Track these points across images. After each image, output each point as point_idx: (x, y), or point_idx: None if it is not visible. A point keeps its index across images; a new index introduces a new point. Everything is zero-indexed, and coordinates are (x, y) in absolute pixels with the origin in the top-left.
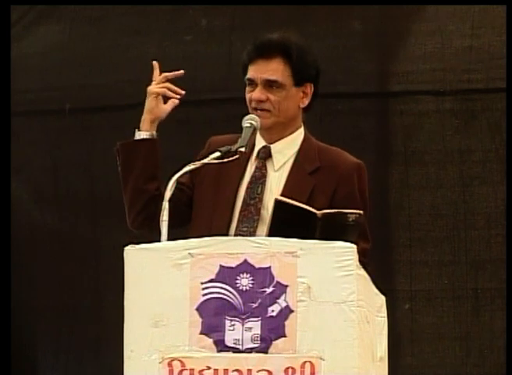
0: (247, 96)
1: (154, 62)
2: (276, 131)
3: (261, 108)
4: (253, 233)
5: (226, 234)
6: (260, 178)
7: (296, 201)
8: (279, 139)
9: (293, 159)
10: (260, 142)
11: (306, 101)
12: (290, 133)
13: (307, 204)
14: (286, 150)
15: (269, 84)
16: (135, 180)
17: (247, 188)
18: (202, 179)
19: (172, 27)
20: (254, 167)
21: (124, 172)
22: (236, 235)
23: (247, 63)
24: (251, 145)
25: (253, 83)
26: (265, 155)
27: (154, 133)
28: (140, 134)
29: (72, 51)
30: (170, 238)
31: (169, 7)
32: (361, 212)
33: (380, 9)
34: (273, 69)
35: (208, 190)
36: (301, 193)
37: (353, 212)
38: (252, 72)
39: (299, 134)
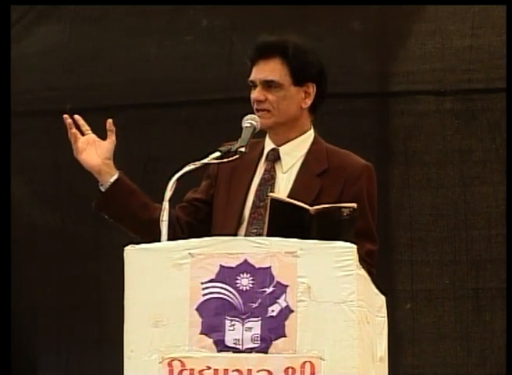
0: (251, 98)
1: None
2: (280, 132)
3: (261, 108)
4: (262, 235)
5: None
6: (269, 180)
7: (302, 202)
8: (287, 141)
9: (301, 161)
10: (269, 145)
11: (308, 102)
12: (298, 136)
13: (313, 205)
14: (294, 152)
15: (267, 84)
16: (129, 221)
17: (257, 191)
18: (218, 187)
19: (172, 27)
20: (263, 169)
21: (116, 221)
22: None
23: (251, 66)
24: (261, 148)
25: (254, 84)
26: (274, 157)
27: (114, 173)
28: (104, 185)
29: (72, 51)
30: (170, 238)
31: (169, 7)
32: (355, 205)
33: (380, 9)
34: (270, 70)
35: (222, 196)
36: (308, 194)
37: (346, 206)
38: (253, 73)
39: (308, 137)
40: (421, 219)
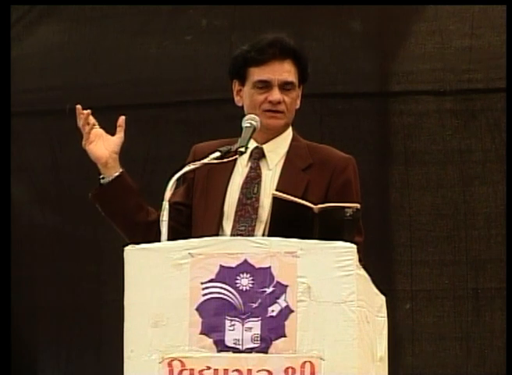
0: (257, 98)
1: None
2: (273, 132)
3: (277, 109)
4: (251, 232)
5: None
6: (255, 178)
7: (292, 196)
8: (270, 139)
9: (284, 158)
10: (251, 143)
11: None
12: (281, 133)
13: (302, 199)
14: (278, 149)
15: (284, 86)
16: (123, 219)
17: (243, 189)
18: (196, 188)
19: (172, 27)
20: (248, 168)
21: (109, 217)
22: (233, 235)
23: (253, 64)
24: (236, 147)
25: (267, 84)
26: (259, 155)
27: (118, 168)
28: (106, 179)
29: (72, 51)
30: (170, 238)
31: (169, 7)
32: (358, 206)
33: (380, 9)
34: (288, 71)
35: (201, 195)
36: (296, 189)
37: (350, 207)
38: (267, 73)
39: (288, 134)
40: (421, 219)
